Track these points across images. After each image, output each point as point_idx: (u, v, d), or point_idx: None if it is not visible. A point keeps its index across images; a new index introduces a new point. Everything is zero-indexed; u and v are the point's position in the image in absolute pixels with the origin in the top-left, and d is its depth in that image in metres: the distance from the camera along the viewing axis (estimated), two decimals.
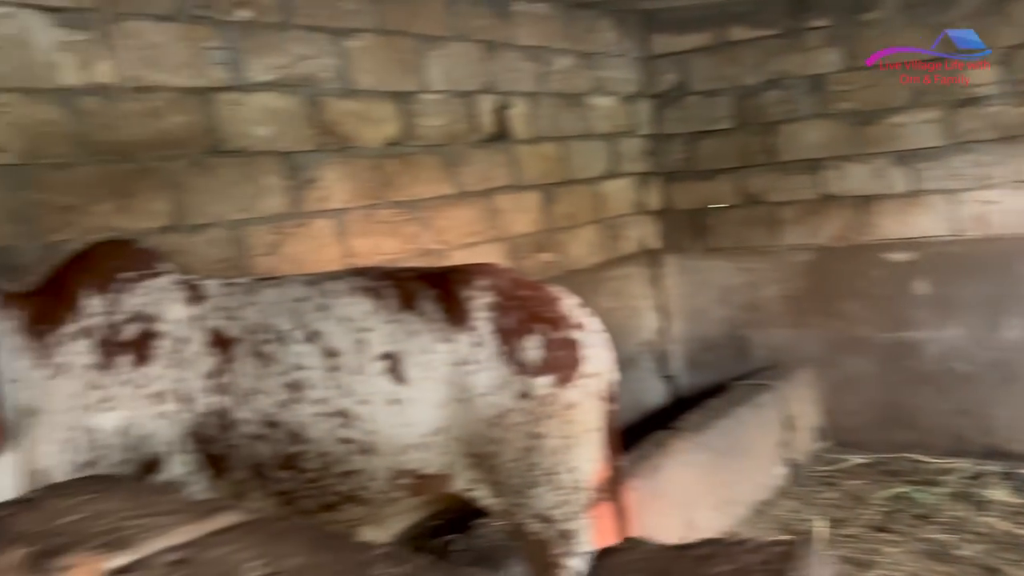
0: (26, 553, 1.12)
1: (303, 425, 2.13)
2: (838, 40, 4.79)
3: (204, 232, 3.03)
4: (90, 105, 2.72)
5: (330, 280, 2.31)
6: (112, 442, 2.06)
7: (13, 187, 2.54)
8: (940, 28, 4.08)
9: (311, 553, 1.06)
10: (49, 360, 2.06)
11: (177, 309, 2.19)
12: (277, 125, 3.27)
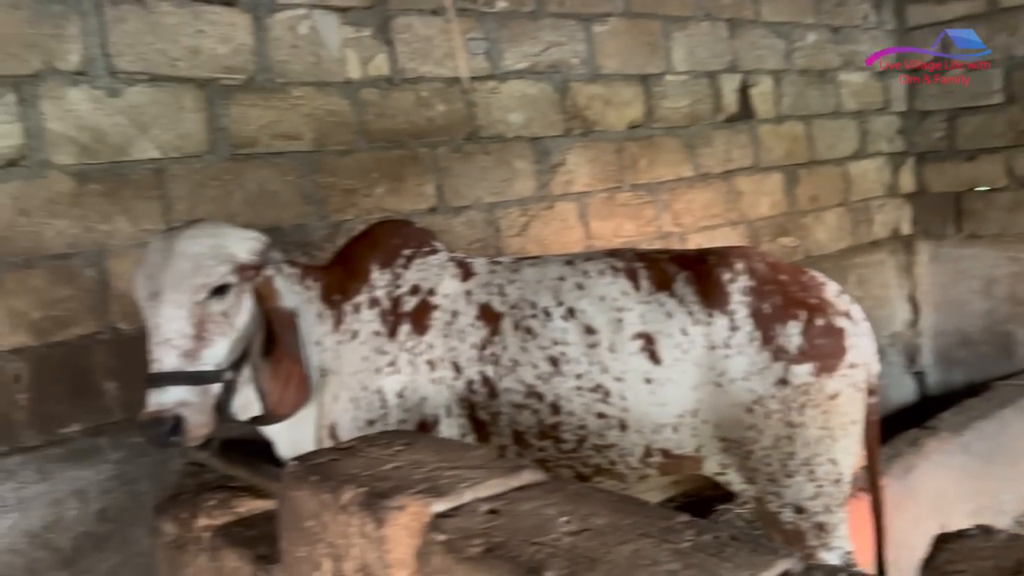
0: (360, 492, 1.28)
1: (563, 398, 2.22)
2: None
3: (462, 214, 3.23)
4: (369, 96, 2.98)
5: (587, 260, 2.38)
6: (393, 403, 2.27)
7: (306, 172, 2.84)
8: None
9: (614, 514, 1.12)
10: (343, 326, 2.30)
11: (450, 284, 2.35)
12: (528, 111, 3.40)
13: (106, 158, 2.45)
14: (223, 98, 2.67)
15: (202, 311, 1.96)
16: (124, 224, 2.48)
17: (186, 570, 2.17)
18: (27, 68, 2.32)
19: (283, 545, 1.49)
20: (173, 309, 1.94)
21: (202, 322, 1.97)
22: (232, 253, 2.02)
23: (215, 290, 1.97)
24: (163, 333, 1.93)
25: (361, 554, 1.27)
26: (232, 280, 2.00)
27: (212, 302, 1.98)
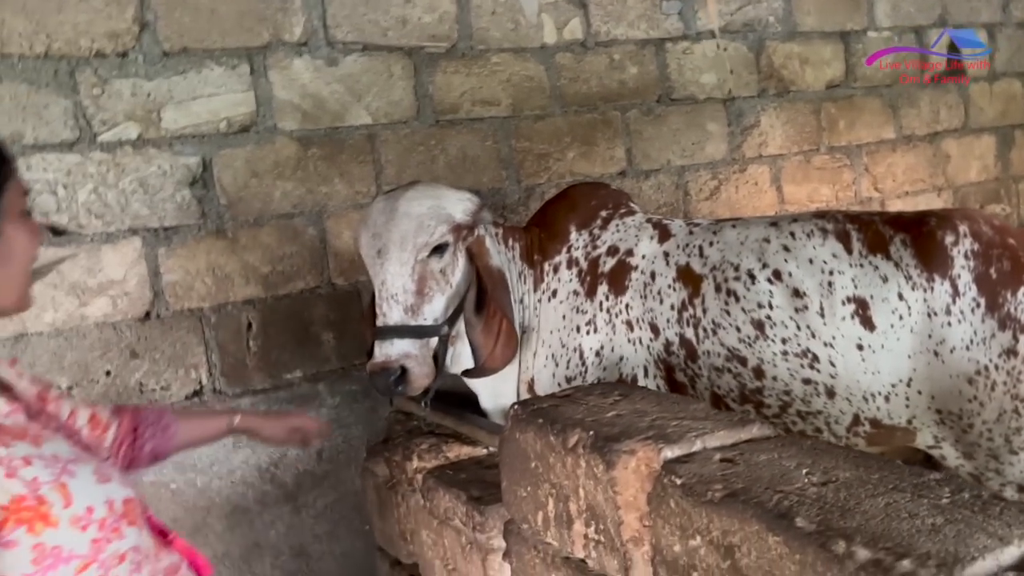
0: (587, 436, 1.32)
1: (767, 362, 2.17)
2: None
3: (651, 177, 3.20)
4: (563, 60, 3.01)
5: (793, 222, 2.30)
6: (591, 361, 2.30)
7: (503, 137, 2.92)
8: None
9: (857, 469, 1.09)
10: (542, 286, 2.36)
11: (647, 245, 2.35)
12: (722, 72, 3.31)
13: (325, 124, 2.62)
14: (429, 66, 2.78)
15: (423, 268, 2.07)
16: (341, 186, 2.64)
17: (398, 509, 2.32)
18: (258, 40, 2.51)
19: (505, 485, 1.56)
20: (398, 266, 2.05)
21: (423, 279, 2.07)
22: (450, 213, 2.11)
23: (435, 248, 2.07)
24: (389, 289, 2.06)
25: (587, 495, 1.31)
26: (450, 239, 2.10)
27: (432, 260, 2.08)
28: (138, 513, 1.11)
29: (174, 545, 1.20)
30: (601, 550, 1.31)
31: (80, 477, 1.04)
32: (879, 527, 0.93)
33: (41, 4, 2.23)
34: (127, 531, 1.07)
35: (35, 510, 0.98)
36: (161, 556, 1.15)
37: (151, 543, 1.14)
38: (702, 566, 1.10)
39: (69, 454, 1.07)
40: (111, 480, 1.09)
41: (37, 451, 1.03)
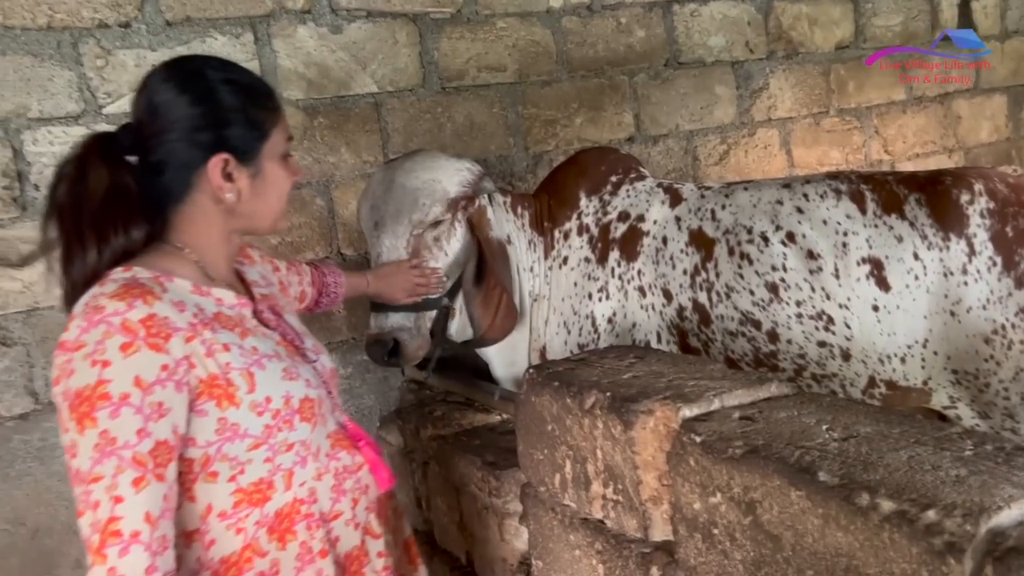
0: (604, 396, 1.31)
1: (781, 325, 2.16)
2: None
3: (660, 143, 3.17)
4: (569, 24, 2.97)
5: (806, 183, 2.28)
6: (604, 328, 2.29)
7: (509, 103, 2.89)
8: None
9: (878, 424, 1.08)
10: (553, 253, 2.34)
11: (659, 210, 2.33)
12: (730, 34, 3.27)
13: (331, 93, 2.59)
14: (434, 32, 2.74)
15: (418, 242, 2.07)
16: (348, 156, 2.62)
17: (413, 476, 2.33)
18: (261, 8, 2.48)
19: (521, 449, 1.56)
20: (392, 240, 2.06)
21: (418, 251, 2.07)
22: (445, 189, 2.10)
23: (432, 224, 2.07)
24: (383, 261, 2.06)
25: (605, 456, 1.31)
26: (445, 216, 2.09)
27: (427, 233, 2.07)
28: (317, 412, 1.22)
29: (361, 451, 1.30)
30: (620, 510, 1.30)
31: (268, 371, 1.17)
32: (903, 479, 0.92)
33: None
34: (299, 425, 1.18)
35: (224, 389, 1.13)
36: (339, 455, 1.26)
37: (326, 443, 1.25)
38: (723, 522, 1.10)
39: (268, 350, 1.20)
40: (296, 379, 1.20)
41: (239, 341, 1.17)
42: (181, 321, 1.12)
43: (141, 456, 1.04)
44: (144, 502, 1.03)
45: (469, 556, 2.07)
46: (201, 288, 1.19)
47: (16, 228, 2.21)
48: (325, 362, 1.35)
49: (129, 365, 1.05)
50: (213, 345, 1.14)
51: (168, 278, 1.17)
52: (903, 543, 0.85)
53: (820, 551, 0.95)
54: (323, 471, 1.24)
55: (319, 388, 1.25)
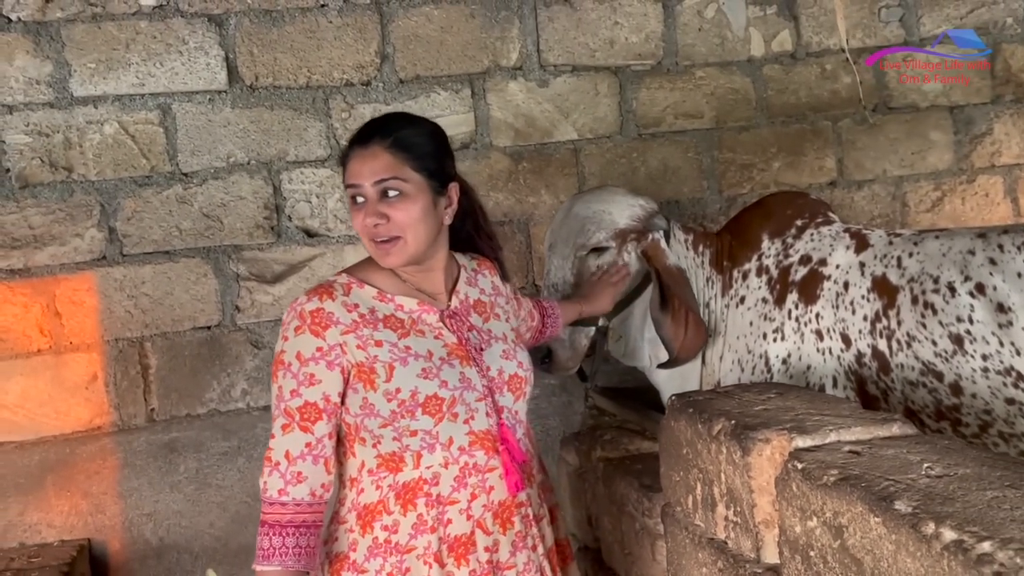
0: (729, 424, 1.42)
1: (965, 378, 2.09)
2: None
3: (865, 188, 3.12)
4: (770, 72, 3.04)
5: (1003, 234, 2.19)
6: (777, 368, 2.34)
7: (705, 148, 3.01)
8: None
9: (982, 467, 1.11)
10: (730, 291, 2.43)
11: (842, 255, 2.34)
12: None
13: (535, 140, 2.87)
14: (633, 83, 2.94)
15: (582, 265, 2.27)
16: (546, 196, 2.88)
17: (585, 496, 2.49)
18: (478, 67, 2.82)
19: (663, 471, 1.69)
20: (560, 260, 2.28)
21: (581, 274, 2.27)
22: (614, 220, 2.28)
23: (593, 249, 2.26)
24: (551, 278, 2.29)
25: (728, 479, 1.41)
26: (610, 244, 2.27)
27: (591, 258, 2.27)
28: (445, 410, 1.39)
29: (501, 454, 1.44)
30: (738, 531, 1.40)
31: (409, 367, 1.39)
32: (974, 514, 0.96)
33: (305, 43, 2.68)
34: (420, 417, 1.38)
35: (368, 375, 1.39)
36: (475, 453, 1.41)
37: (464, 438, 1.41)
38: (817, 545, 1.17)
39: (420, 350, 1.42)
40: (431, 378, 1.40)
41: (396, 340, 1.42)
42: (345, 318, 1.40)
43: (291, 409, 1.37)
44: (287, 443, 1.36)
45: (628, 574, 2.19)
46: (385, 295, 1.46)
47: (272, 252, 2.68)
48: (509, 369, 1.50)
49: (296, 342, 1.39)
50: (368, 340, 1.40)
51: (360, 285, 1.46)
52: (959, 571, 0.90)
53: (893, 575, 1.01)
54: (451, 461, 1.40)
55: (462, 390, 1.42)
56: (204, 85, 2.62)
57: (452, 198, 1.52)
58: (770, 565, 1.33)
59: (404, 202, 1.43)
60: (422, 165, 1.45)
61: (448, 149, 1.56)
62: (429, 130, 1.53)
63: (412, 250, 1.44)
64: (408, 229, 1.43)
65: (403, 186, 1.43)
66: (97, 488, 2.55)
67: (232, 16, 2.63)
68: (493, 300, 1.60)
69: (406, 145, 1.45)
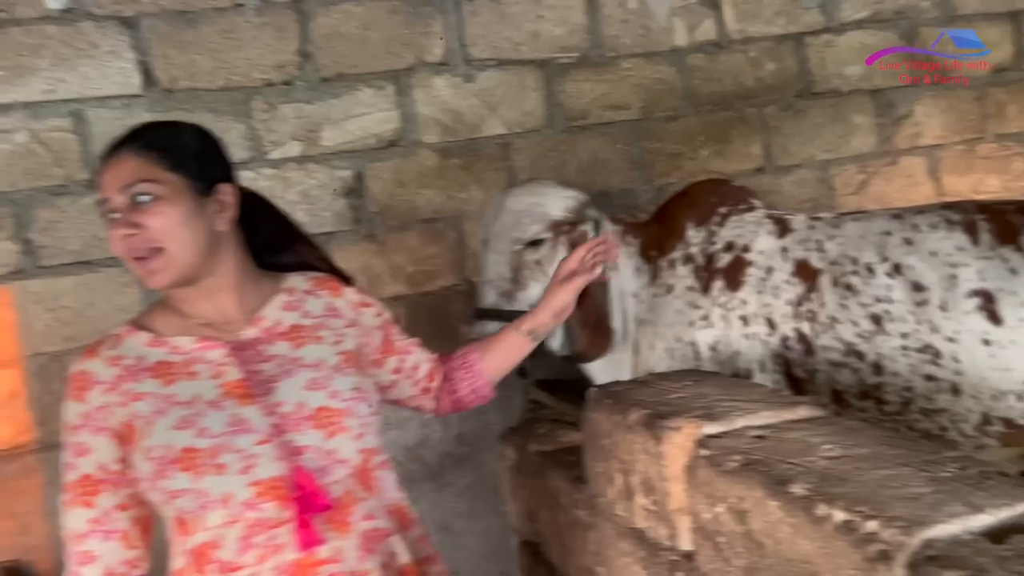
0: (644, 414, 1.43)
1: (886, 357, 2.14)
2: None
3: (792, 173, 3.17)
4: (695, 62, 3.07)
5: (918, 214, 2.24)
6: (706, 355, 2.36)
7: (634, 139, 3.02)
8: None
9: (880, 446, 1.13)
10: (659, 280, 2.45)
11: (765, 240, 2.37)
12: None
13: (463, 136, 2.85)
14: (560, 76, 2.94)
15: (519, 259, 2.26)
16: (477, 192, 2.87)
17: (523, 489, 2.49)
18: (403, 63, 2.79)
19: (587, 462, 1.69)
20: (496, 256, 2.27)
21: (518, 268, 2.27)
22: (547, 212, 2.28)
23: (530, 242, 2.25)
24: (488, 275, 2.28)
25: (644, 469, 1.41)
26: (546, 236, 2.26)
27: (527, 252, 2.26)
28: (204, 462, 1.21)
29: (292, 504, 1.23)
30: (655, 520, 1.41)
31: (167, 418, 1.23)
32: (865, 494, 0.98)
33: (222, 43, 2.63)
34: (176, 475, 1.21)
35: (129, 434, 1.25)
36: (263, 506, 1.22)
37: (247, 491, 1.21)
38: (725, 531, 1.18)
39: (185, 396, 1.25)
40: (187, 428, 1.22)
41: (160, 390, 1.26)
42: (106, 375, 1.27)
43: (69, 484, 1.26)
44: (70, 521, 1.25)
45: (566, 566, 2.20)
46: (159, 339, 1.30)
47: None
48: (314, 401, 1.28)
49: (64, 411, 1.29)
50: (129, 395, 1.26)
51: (131, 331, 1.32)
52: (848, 550, 0.92)
53: (792, 557, 1.02)
54: (235, 519, 1.21)
55: (230, 436, 1.22)
56: (118, 90, 2.55)
57: (225, 201, 1.33)
58: (685, 552, 1.34)
59: (159, 206, 1.25)
60: (178, 163, 1.28)
61: (217, 151, 1.40)
62: (188, 130, 1.38)
63: (179, 262, 1.26)
64: (168, 237, 1.25)
65: (155, 188, 1.25)
66: (23, 507, 2.48)
67: (145, 18, 2.57)
68: (321, 323, 1.39)
69: (156, 145, 1.29)
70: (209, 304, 1.34)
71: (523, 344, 1.75)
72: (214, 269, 1.32)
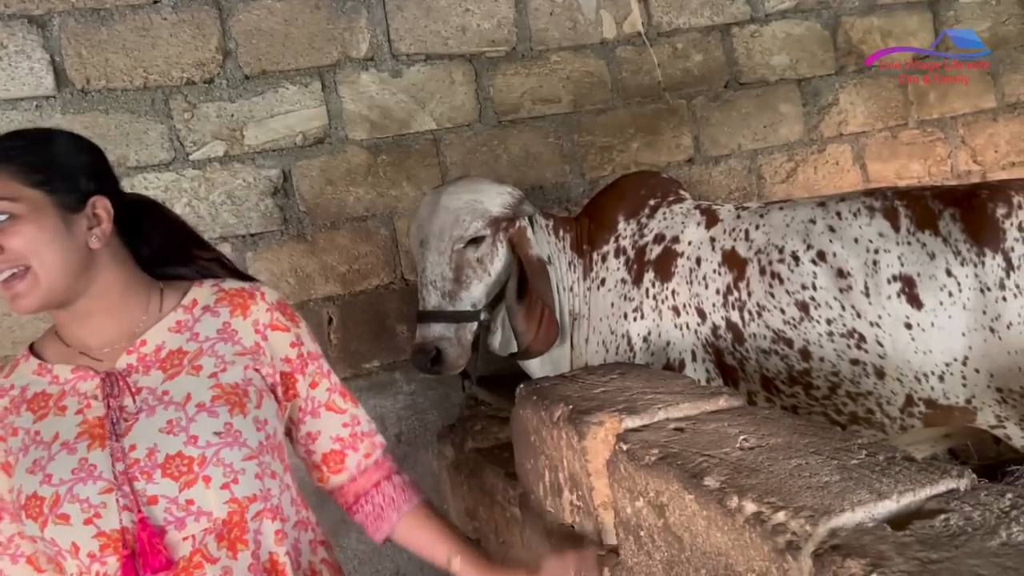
0: (567, 409, 1.42)
1: (813, 343, 2.17)
2: None
3: (722, 163, 3.21)
4: (624, 54, 3.07)
5: (840, 201, 2.28)
6: (639, 346, 2.37)
7: (565, 132, 3.02)
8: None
9: (793, 435, 1.14)
10: (591, 274, 2.45)
11: (694, 231, 2.39)
12: (794, 52, 3.27)
13: (393, 132, 2.82)
14: (489, 70, 2.92)
15: (460, 258, 2.22)
16: (409, 189, 2.84)
17: (462, 487, 2.48)
18: (328, 59, 2.74)
19: (517, 459, 1.69)
20: (436, 256, 2.22)
21: (460, 267, 2.23)
22: (486, 208, 2.25)
23: (471, 240, 2.22)
24: (428, 276, 2.23)
25: (569, 464, 1.41)
26: (485, 232, 2.24)
27: (469, 250, 2.23)
28: (47, 511, 1.15)
29: (123, 562, 1.14)
30: (582, 515, 1.40)
31: (24, 461, 1.18)
32: (775, 484, 0.98)
33: (139, 41, 2.55)
34: (26, 521, 1.16)
35: (8, 468, 1.19)
36: (108, 559, 1.15)
37: (93, 542, 1.14)
38: (645, 524, 1.18)
39: (47, 436, 1.18)
40: (35, 473, 1.16)
41: (31, 426, 1.19)
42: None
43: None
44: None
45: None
46: (44, 366, 1.23)
47: None
48: (168, 447, 1.16)
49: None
50: (8, 429, 1.20)
51: (26, 357, 1.26)
52: (758, 542, 0.92)
53: (708, 550, 1.03)
54: (85, 571, 1.15)
55: (73, 483, 1.14)
56: (29, 91, 2.46)
57: (99, 216, 1.22)
58: (611, 547, 1.34)
59: (18, 225, 1.15)
60: (38, 179, 1.18)
61: (89, 161, 1.27)
62: (57, 139, 1.25)
63: (46, 284, 1.16)
64: (31, 256, 1.15)
65: (12, 207, 1.15)
66: None
67: (55, 16, 2.47)
68: (206, 348, 1.24)
69: (15, 158, 1.18)
70: (84, 328, 1.24)
71: (440, 560, 1.38)
72: (87, 290, 1.21)
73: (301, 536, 1.30)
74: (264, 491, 1.21)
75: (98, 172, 1.27)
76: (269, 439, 1.23)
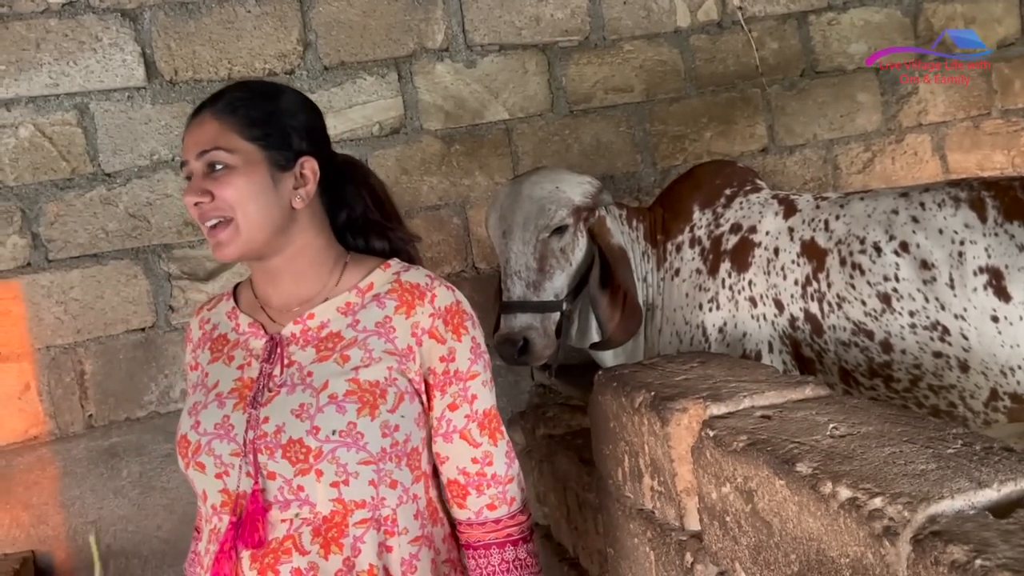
0: (649, 396, 1.43)
1: (894, 335, 2.13)
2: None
3: (796, 153, 3.16)
4: (698, 42, 3.05)
5: (925, 192, 2.23)
6: (714, 337, 2.36)
7: (637, 122, 3.01)
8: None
9: (885, 424, 1.13)
10: (666, 264, 2.44)
11: (771, 221, 2.36)
12: (873, 39, 3.19)
13: (466, 122, 2.85)
14: (562, 59, 2.93)
15: (544, 248, 2.24)
16: (481, 178, 2.87)
17: (532, 473, 2.51)
18: (404, 50, 2.78)
19: (594, 445, 1.70)
20: (521, 246, 2.24)
21: (544, 257, 2.25)
22: (569, 197, 2.27)
23: (556, 230, 2.24)
24: (513, 266, 2.25)
25: (651, 450, 1.42)
26: (569, 221, 2.25)
27: (553, 240, 2.25)
28: (188, 455, 1.22)
29: (226, 531, 1.18)
30: (663, 501, 1.41)
31: (191, 397, 1.28)
32: (870, 471, 0.98)
33: (224, 34, 2.63)
34: (179, 457, 1.24)
35: None
36: (223, 517, 1.19)
37: (218, 497, 1.20)
38: (732, 510, 1.19)
39: (211, 381, 1.25)
40: (191, 415, 1.24)
41: (205, 365, 1.29)
42: (195, 335, 1.36)
43: None
44: None
45: (576, 548, 2.22)
46: (235, 311, 1.32)
47: (203, 248, 2.63)
48: (293, 431, 1.16)
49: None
50: (195, 361, 1.33)
51: (228, 296, 1.36)
52: (853, 527, 0.92)
53: (799, 535, 1.03)
54: (206, 519, 1.24)
55: (213, 438, 1.19)
56: (122, 82, 2.56)
57: (305, 176, 1.23)
58: (693, 532, 1.35)
59: (231, 176, 1.18)
60: (255, 134, 1.20)
61: (304, 118, 1.27)
62: (278, 96, 1.26)
63: (246, 235, 1.19)
64: (237, 208, 1.18)
65: (228, 158, 1.18)
66: (38, 499, 2.50)
67: (146, 10, 2.57)
68: (360, 339, 1.22)
69: (234, 110, 1.21)
70: (270, 286, 1.28)
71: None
72: (283, 249, 1.23)
73: (421, 552, 1.23)
74: (376, 499, 1.18)
75: (311, 132, 1.27)
76: (396, 446, 1.19)
